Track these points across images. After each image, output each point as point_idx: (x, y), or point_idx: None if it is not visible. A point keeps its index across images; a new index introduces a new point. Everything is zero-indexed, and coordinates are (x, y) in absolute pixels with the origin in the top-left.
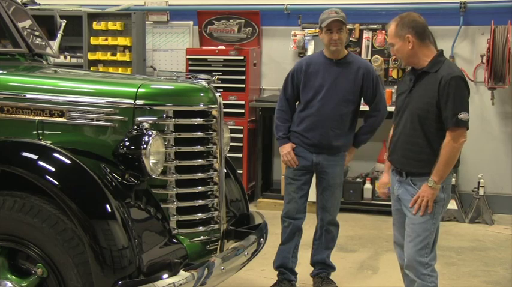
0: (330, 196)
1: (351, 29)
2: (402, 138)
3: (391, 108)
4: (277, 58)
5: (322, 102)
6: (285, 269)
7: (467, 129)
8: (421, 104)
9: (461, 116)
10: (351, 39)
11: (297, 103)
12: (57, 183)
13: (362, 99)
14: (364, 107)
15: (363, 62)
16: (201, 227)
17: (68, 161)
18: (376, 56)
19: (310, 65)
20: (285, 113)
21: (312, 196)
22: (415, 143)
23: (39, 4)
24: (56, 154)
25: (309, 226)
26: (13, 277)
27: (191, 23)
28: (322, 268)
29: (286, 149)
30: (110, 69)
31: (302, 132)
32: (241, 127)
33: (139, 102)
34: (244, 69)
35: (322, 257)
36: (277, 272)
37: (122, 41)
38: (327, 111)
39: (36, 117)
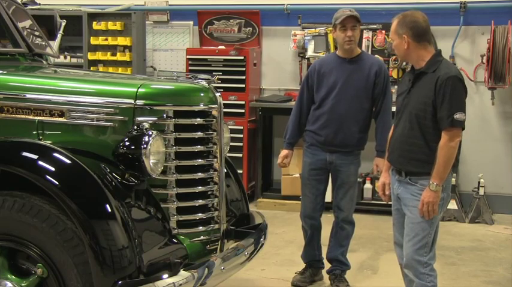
0: (344, 194)
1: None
2: (400, 139)
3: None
4: (277, 58)
5: (336, 100)
6: (313, 261)
7: (463, 129)
8: (418, 103)
9: (457, 116)
10: None
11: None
12: (57, 183)
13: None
14: None
15: (375, 59)
16: (201, 227)
17: (68, 161)
18: (376, 56)
19: (323, 66)
20: (295, 118)
21: (329, 195)
22: (413, 143)
23: (39, 4)
24: (56, 154)
25: (324, 223)
26: (13, 277)
27: (191, 23)
28: (336, 265)
29: (282, 153)
30: (110, 69)
31: (316, 130)
32: (241, 127)
33: (140, 102)
34: (244, 69)
35: (336, 255)
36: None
37: (122, 41)
38: (341, 108)
39: (36, 117)
